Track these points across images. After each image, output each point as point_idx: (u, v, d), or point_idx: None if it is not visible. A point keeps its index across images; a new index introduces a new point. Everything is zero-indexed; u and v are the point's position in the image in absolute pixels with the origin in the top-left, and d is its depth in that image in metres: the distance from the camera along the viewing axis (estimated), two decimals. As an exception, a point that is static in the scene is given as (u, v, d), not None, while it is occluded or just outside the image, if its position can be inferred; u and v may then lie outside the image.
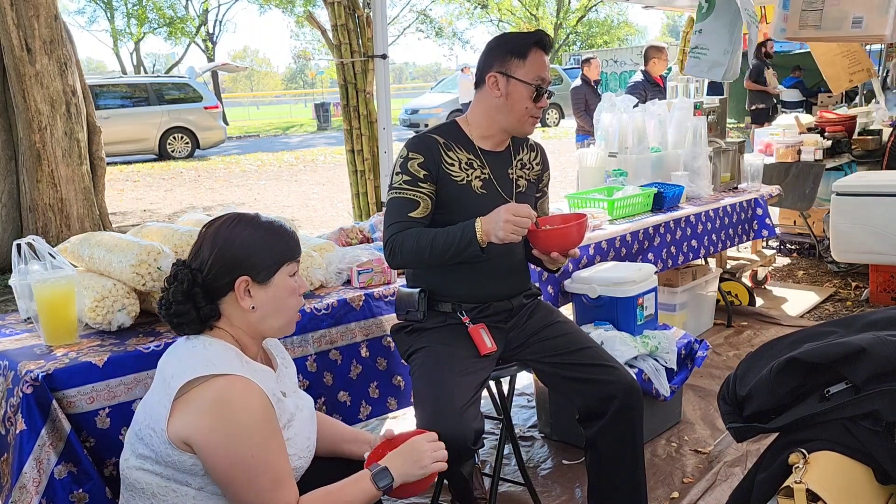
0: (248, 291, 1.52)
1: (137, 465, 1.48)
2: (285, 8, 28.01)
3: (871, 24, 3.38)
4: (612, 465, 2.06)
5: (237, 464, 1.41)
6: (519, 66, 2.04)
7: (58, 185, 6.03)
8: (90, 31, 67.09)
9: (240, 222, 1.55)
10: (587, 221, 2.04)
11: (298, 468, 1.57)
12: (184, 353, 1.50)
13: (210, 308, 1.52)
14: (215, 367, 1.44)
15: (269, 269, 1.53)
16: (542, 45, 2.07)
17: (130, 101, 14.65)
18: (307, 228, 7.30)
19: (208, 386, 1.42)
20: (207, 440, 1.41)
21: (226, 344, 1.52)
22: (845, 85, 6.71)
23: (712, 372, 3.50)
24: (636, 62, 18.65)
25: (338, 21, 4.41)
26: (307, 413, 1.65)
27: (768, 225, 4.05)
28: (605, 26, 36.34)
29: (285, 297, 1.56)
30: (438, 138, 2.08)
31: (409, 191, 2.02)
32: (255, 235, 1.53)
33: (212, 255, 1.52)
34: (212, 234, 1.55)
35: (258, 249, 1.52)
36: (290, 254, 1.57)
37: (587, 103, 7.34)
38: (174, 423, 1.42)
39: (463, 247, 1.93)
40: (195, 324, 1.52)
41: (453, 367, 1.98)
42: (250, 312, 1.53)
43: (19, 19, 5.72)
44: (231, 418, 1.40)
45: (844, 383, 1.39)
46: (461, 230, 1.93)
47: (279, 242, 1.56)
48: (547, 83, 2.08)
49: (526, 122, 2.09)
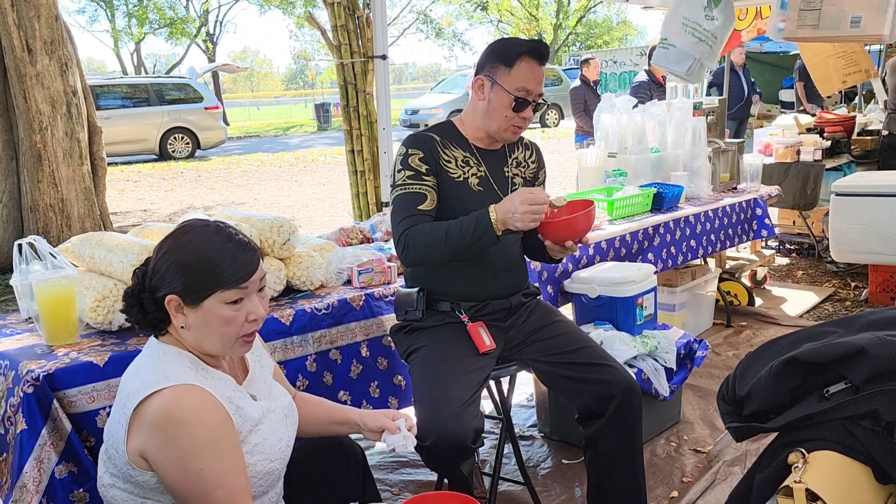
0: (179, 309, 1.43)
1: (111, 482, 1.46)
2: (285, 9, 28.00)
3: (869, 24, 3.38)
4: (611, 464, 2.06)
5: (188, 478, 1.36)
6: (504, 73, 2.03)
7: (58, 186, 6.04)
8: (91, 31, 67.08)
9: (189, 232, 1.46)
10: (595, 208, 2.03)
11: (271, 471, 1.53)
12: (140, 366, 1.46)
13: (157, 315, 1.45)
14: (167, 379, 1.38)
15: (199, 293, 1.41)
16: (535, 55, 2.03)
17: (131, 102, 14.65)
18: (307, 228, 7.30)
19: (158, 399, 1.36)
20: (159, 455, 1.36)
21: (180, 351, 1.46)
22: (837, 86, 6.68)
23: (711, 372, 3.50)
24: (636, 62, 18.64)
25: (338, 22, 4.42)
26: (280, 414, 1.58)
27: (767, 225, 4.05)
28: (604, 27, 36.35)
29: (217, 325, 1.43)
30: (435, 136, 2.09)
31: (415, 185, 2.01)
32: (197, 251, 1.42)
33: (155, 263, 1.46)
34: (164, 238, 1.48)
35: (193, 269, 1.41)
36: (230, 279, 1.42)
37: (586, 104, 7.35)
38: (132, 442, 1.38)
39: (478, 236, 1.89)
40: (145, 326, 1.47)
41: (453, 366, 1.99)
42: (184, 330, 1.44)
43: (20, 19, 5.73)
44: (181, 431, 1.35)
45: (844, 383, 1.39)
46: (475, 220, 1.90)
47: (222, 265, 1.42)
48: (534, 95, 2.03)
49: (506, 130, 2.07)
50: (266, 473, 1.51)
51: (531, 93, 2.03)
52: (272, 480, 1.55)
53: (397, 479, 2.69)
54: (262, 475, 1.50)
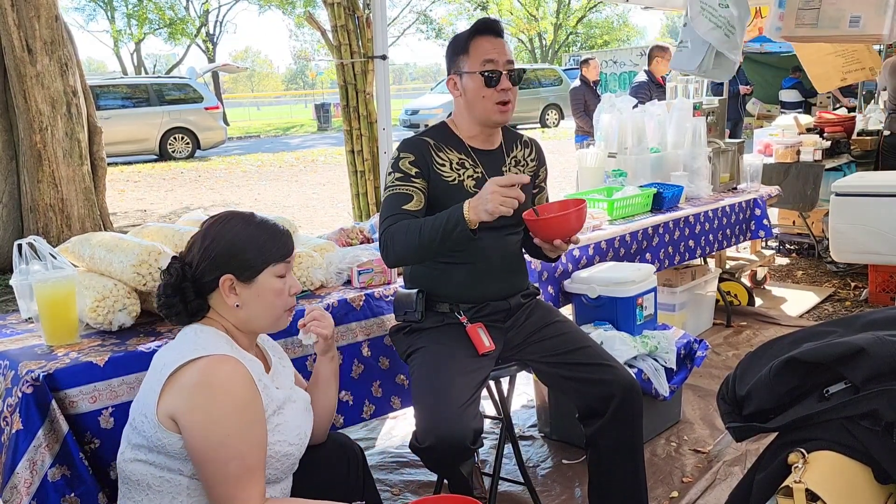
0: (233, 289, 1.55)
1: (132, 456, 1.50)
2: (285, 9, 28.00)
3: (868, 24, 3.37)
4: (612, 464, 2.06)
5: (212, 444, 1.42)
6: (465, 60, 2.04)
7: (58, 186, 6.04)
8: (90, 31, 67.07)
9: (231, 220, 1.58)
10: (586, 207, 2.03)
11: (289, 454, 1.59)
12: (174, 344, 1.55)
13: (198, 303, 1.56)
14: (204, 349, 1.48)
15: (253, 269, 1.55)
16: (484, 30, 2.03)
17: (131, 102, 14.65)
18: (307, 229, 7.30)
19: (195, 365, 1.45)
20: (189, 418, 1.43)
21: (217, 331, 1.56)
22: (836, 84, 6.65)
23: (711, 372, 3.50)
24: (636, 63, 18.62)
25: (338, 22, 4.41)
26: (301, 404, 1.67)
27: (766, 226, 4.06)
28: (605, 27, 36.35)
29: (271, 298, 1.58)
30: (429, 140, 2.09)
31: (402, 186, 2.02)
32: (244, 234, 1.56)
33: (200, 252, 1.55)
34: (203, 230, 1.59)
35: (245, 248, 1.55)
36: (277, 254, 1.58)
37: (586, 104, 7.35)
38: (163, 404, 1.45)
39: (451, 228, 1.83)
40: (183, 316, 1.56)
41: (452, 367, 1.98)
42: (236, 310, 1.56)
43: (20, 20, 5.73)
44: (213, 398, 1.43)
45: (844, 383, 1.39)
46: (448, 212, 1.87)
47: (268, 242, 1.57)
48: (502, 64, 2.01)
49: (493, 112, 2.05)
50: (283, 456, 1.57)
51: (497, 62, 2.02)
52: (288, 466, 1.61)
53: (397, 479, 2.69)
54: (279, 457, 1.56)
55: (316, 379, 1.85)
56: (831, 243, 3.97)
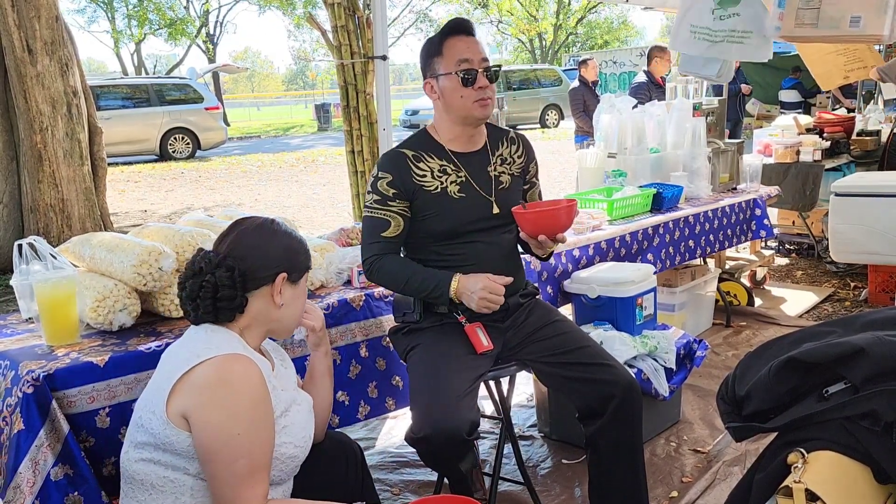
0: (282, 289, 1.60)
1: (136, 455, 1.50)
2: (285, 10, 28.01)
3: (869, 24, 3.36)
4: (612, 464, 2.07)
5: (223, 440, 1.43)
6: (439, 62, 2.04)
7: (59, 186, 6.04)
8: (91, 32, 67.05)
9: (275, 224, 1.65)
10: (576, 207, 2.04)
11: (294, 457, 1.60)
12: (185, 342, 1.55)
13: (242, 298, 1.56)
14: (218, 348, 1.49)
15: (300, 271, 1.65)
16: (456, 30, 2.03)
17: (131, 102, 14.65)
18: (308, 229, 7.30)
19: (210, 363, 1.46)
20: (202, 415, 1.44)
21: (228, 331, 1.57)
22: (838, 81, 6.65)
23: (711, 372, 3.50)
24: (635, 63, 18.62)
25: (338, 22, 4.42)
26: (305, 407, 1.69)
27: (766, 226, 4.06)
28: (604, 27, 36.36)
29: (302, 302, 1.69)
30: (407, 152, 2.08)
31: (379, 210, 2.05)
32: (294, 238, 1.66)
33: (257, 248, 1.58)
34: (254, 229, 1.61)
35: (297, 251, 1.65)
36: (309, 262, 1.69)
37: (586, 104, 7.36)
38: (174, 402, 1.45)
39: (433, 297, 2.02)
40: (227, 311, 1.55)
41: (450, 362, 1.99)
42: (275, 308, 1.60)
43: (20, 20, 5.73)
44: (230, 395, 1.44)
45: (843, 383, 1.39)
46: (436, 282, 2.00)
47: (307, 251, 1.69)
48: (477, 62, 2.00)
49: (473, 109, 2.03)
50: (289, 458, 1.58)
51: (472, 61, 2.01)
52: (292, 468, 1.62)
53: (397, 479, 2.69)
54: (285, 459, 1.57)
55: (311, 375, 1.86)
56: (831, 243, 3.97)
